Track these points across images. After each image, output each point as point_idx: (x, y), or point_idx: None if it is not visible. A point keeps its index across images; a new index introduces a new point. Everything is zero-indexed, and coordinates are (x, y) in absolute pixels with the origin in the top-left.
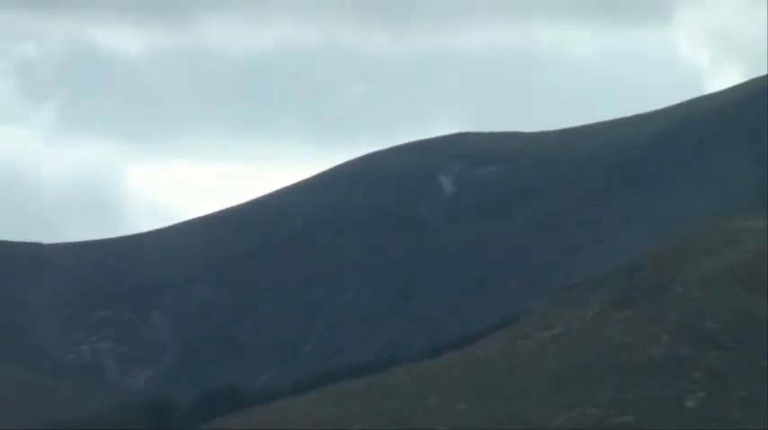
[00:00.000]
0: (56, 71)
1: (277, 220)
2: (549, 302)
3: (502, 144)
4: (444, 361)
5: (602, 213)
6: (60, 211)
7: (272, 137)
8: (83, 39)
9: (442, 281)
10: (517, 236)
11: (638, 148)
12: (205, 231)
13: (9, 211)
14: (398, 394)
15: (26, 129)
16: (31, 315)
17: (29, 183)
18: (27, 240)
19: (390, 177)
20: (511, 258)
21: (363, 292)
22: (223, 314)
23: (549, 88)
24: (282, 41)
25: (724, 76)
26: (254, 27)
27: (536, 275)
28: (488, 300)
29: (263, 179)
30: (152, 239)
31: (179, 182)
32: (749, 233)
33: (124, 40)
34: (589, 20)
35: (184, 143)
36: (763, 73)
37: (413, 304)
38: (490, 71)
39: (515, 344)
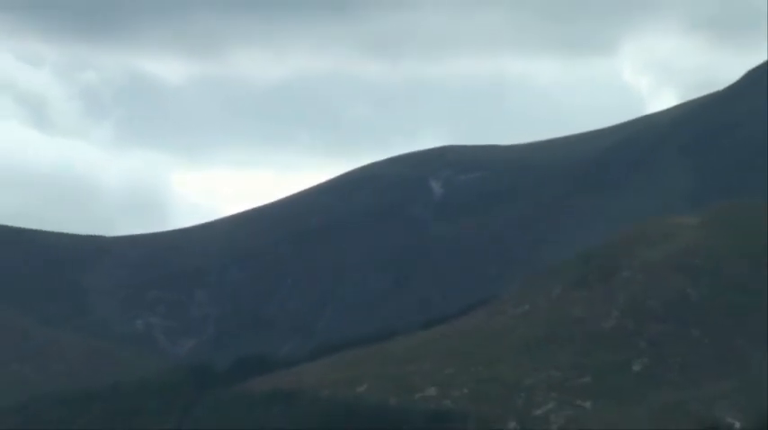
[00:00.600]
0: (112, 95)
1: (295, 218)
2: (520, 284)
3: (481, 155)
4: (434, 333)
5: (563, 212)
6: (118, 210)
7: (291, 149)
8: (134, 68)
9: (432, 267)
10: (495, 230)
11: (591, 159)
12: (236, 227)
13: (76, 210)
14: (397, 360)
15: (89, 143)
16: (96, 295)
17: (92, 187)
18: (91, 233)
19: (389, 182)
20: (489, 248)
21: (367, 277)
22: (252, 295)
23: (518, 109)
24: (298, 70)
25: (661, 99)
26: (275, 59)
27: (510, 262)
28: (470, 283)
29: (283, 184)
30: (193, 233)
31: (214, 186)
32: (683, 228)
33: (168, 69)
34: (550, 53)
35: (218, 154)
36: (693, 97)
37: (408, 286)
38: (471, 94)
39: (493, 318)
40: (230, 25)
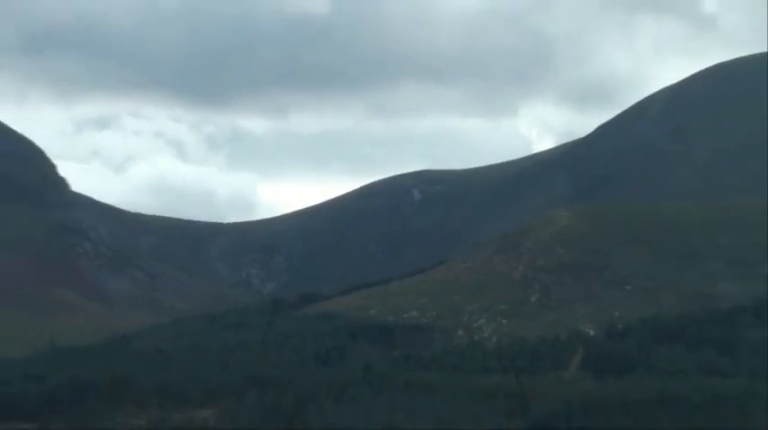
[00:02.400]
0: (223, 139)
1: (333, 213)
2: (466, 252)
3: (442, 175)
4: (415, 279)
5: (491, 209)
6: (226, 207)
7: (329, 171)
8: (236, 124)
9: (414, 242)
10: (451, 220)
11: (505, 179)
12: (297, 218)
13: (203, 207)
14: (393, 295)
15: (210, 168)
16: (216, 259)
17: (210, 194)
18: (213, 221)
19: (388, 191)
20: (448, 231)
21: (375, 248)
22: (310, 258)
23: (461, 148)
24: (331, 125)
25: (544, 143)
26: (318, 118)
27: (459, 239)
28: (436, 251)
29: (325, 192)
30: (272, 222)
31: (283, 194)
32: (560, 218)
33: (255, 124)
34: (479, 114)
35: (286, 175)
36: (564, 141)
37: (399, 254)
38: (435, 139)
39: (450, 271)
40: (292, 97)
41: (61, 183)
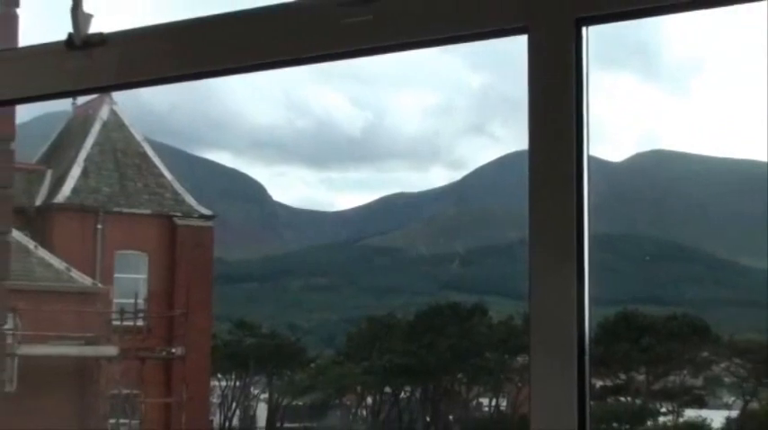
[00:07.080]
0: (324, 180)
1: (369, 208)
2: (416, 229)
3: (410, 195)
4: (396, 233)
5: (427, 212)
6: (326, 205)
7: (363, 193)
8: (329, 175)
9: (398, 226)
10: (412, 216)
11: (429, 201)
12: (356, 210)
13: (319, 207)
14: (389, 239)
15: (319, 190)
16: (324, 225)
17: (317, 200)
18: (320, 211)
19: (386, 201)
20: (411, 221)
21: (383, 224)
22: (361, 223)
23: (413, 186)
24: (361, 178)
25: (440, 183)
26: (356, 173)
27: (415, 224)
28: (406, 228)
29: (362, 200)
30: (345, 212)
31: (347, 202)
32: (449, 215)
33: (334, 175)
34: (419, 172)
35: (347, 195)
36: (449, 182)
37: (395, 227)
38: (402, 181)
39: (408, 233)
40: (345, 165)
41: (268, 198)
